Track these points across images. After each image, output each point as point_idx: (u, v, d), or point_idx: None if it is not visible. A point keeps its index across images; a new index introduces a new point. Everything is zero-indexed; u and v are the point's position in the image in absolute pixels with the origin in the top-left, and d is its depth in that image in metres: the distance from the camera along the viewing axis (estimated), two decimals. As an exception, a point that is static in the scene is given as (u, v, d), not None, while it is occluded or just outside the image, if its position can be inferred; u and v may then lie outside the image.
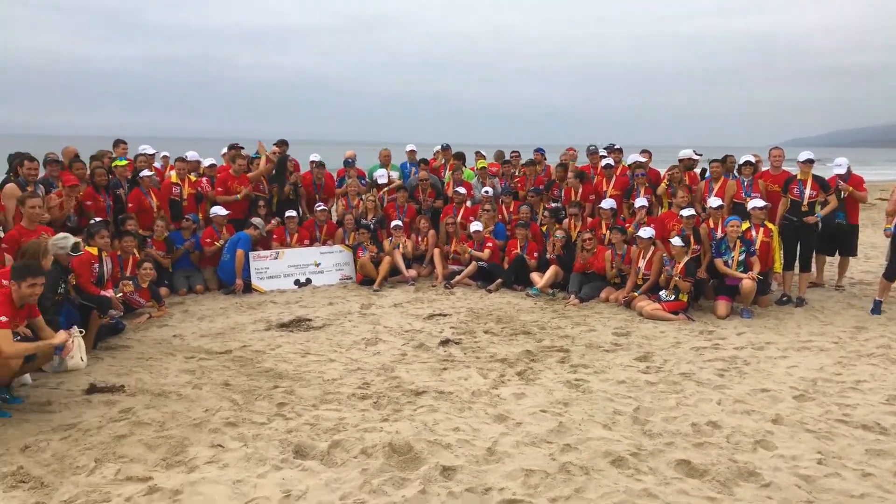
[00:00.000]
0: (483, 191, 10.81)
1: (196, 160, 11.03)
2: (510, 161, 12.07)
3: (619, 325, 7.86)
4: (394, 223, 10.56)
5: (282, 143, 11.17)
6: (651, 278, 8.62)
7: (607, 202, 9.78)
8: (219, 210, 9.90)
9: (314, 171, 11.50)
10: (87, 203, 8.79)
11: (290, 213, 10.47)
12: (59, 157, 9.07)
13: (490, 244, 10.10)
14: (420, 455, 4.34)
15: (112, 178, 9.53)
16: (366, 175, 12.02)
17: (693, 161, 10.42)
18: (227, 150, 11.52)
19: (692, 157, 10.44)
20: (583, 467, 4.21)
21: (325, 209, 10.86)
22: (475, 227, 10.18)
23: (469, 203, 10.99)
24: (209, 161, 11.12)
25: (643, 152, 10.74)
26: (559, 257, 9.61)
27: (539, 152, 11.97)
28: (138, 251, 8.82)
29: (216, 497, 3.85)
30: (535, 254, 9.90)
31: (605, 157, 10.77)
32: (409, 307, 8.74)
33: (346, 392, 5.59)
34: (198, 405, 5.26)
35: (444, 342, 7.09)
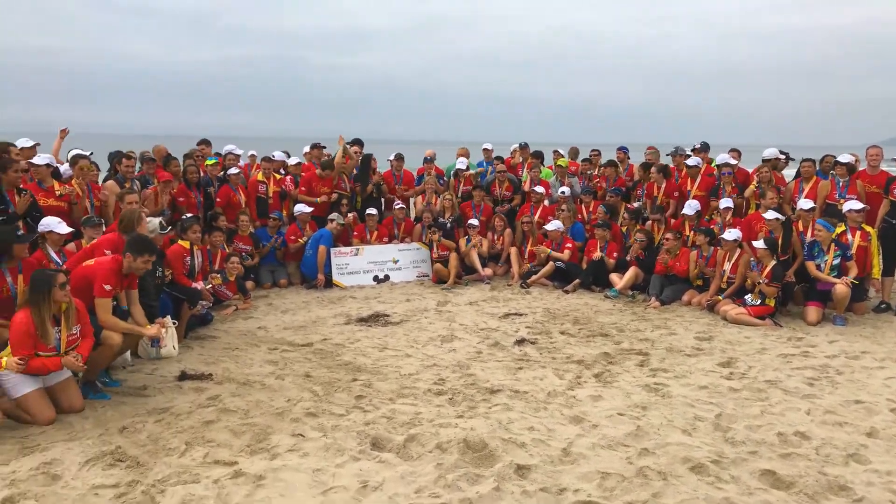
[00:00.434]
0: (560, 191, 10.70)
1: (281, 160, 11.40)
2: (590, 160, 11.89)
3: (701, 329, 7.63)
4: (470, 222, 10.61)
5: (356, 143, 11.42)
6: (736, 282, 8.32)
7: (690, 206, 9.46)
8: (303, 208, 10.21)
9: (394, 164, 11.69)
10: (180, 199, 9.24)
11: (371, 211, 10.68)
12: (153, 156, 9.58)
13: (569, 245, 9.99)
14: (494, 453, 4.35)
15: (203, 175, 9.98)
16: (444, 174, 12.12)
17: (779, 161, 9.98)
18: (309, 149, 11.85)
19: (777, 156, 10.00)
20: (660, 472, 4.12)
21: (403, 207, 11.01)
22: (553, 226, 10.09)
23: (547, 202, 10.91)
24: (295, 160, 11.49)
25: (732, 151, 10.37)
26: (639, 259, 9.40)
27: (622, 151, 11.74)
28: (226, 246, 9.20)
29: (296, 484, 3.98)
30: (614, 255, 9.72)
31: (690, 156, 10.45)
32: (484, 306, 8.76)
33: (422, 387, 5.67)
34: (280, 395, 5.45)
35: (520, 341, 7.07)
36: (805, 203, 8.62)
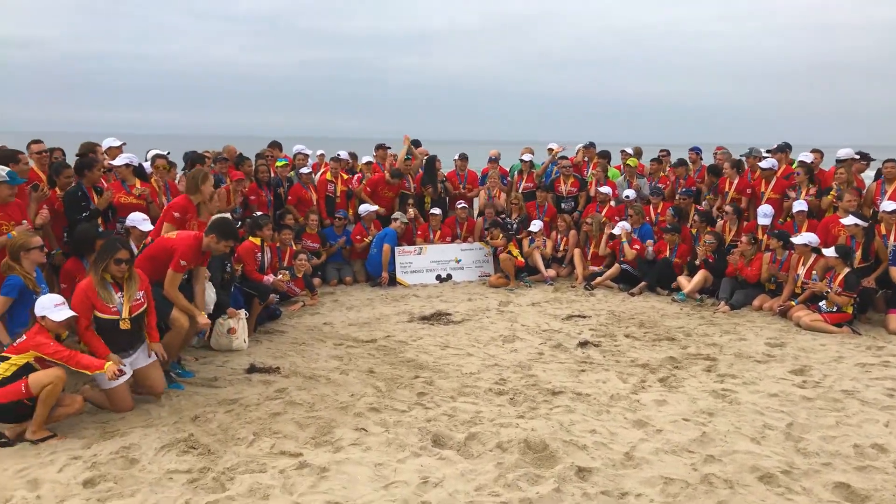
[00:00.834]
0: (625, 194, 10.50)
1: (347, 159, 11.62)
2: (658, 160, 11.63)
3: (773, 335, 7.37)
4: (533, 223, 10.55)
5: (415, 144, 11.52)
6: (810, 287, 7.99)
7: (765, 213, 9.02)
8: (369, 208, 10.39)
9: (458, 163, 11.75)
10: (251, 197, 9.53)
11: (435, 211, 10.77)
12: (225, 156, 9.92)
13: (637, 246, 9.80)
14: (555, 454, 4.33)
15: (273, 176, 10.28)
16: (508, 174, 12.10)
17: (855, 161, 9.51)
18: (375, 150, 12.03)
19: (853, 157, 9.52)
20: (727, 480, 4.01)
21: (465, 206, 11.03)
22: (619, 228, 9.91)
23: (613, 203, 10.74)
24: (366, 159, 11.70)
25: (814, 152, 9.93)
26: (708, 261, 9.14)
27: (695, 152, 11.43)
28: (295, 244, 9.44)
29: (359, 477, 4.06)
30: (686, 258, 9.48)
31: (765, 158, 10.04)
32: (547, 307, 8.71)
33: (483, 387, 5.68)
34: (344, 389, 5.57)
35: (583, 344, 7.00)
36: (889, 205, 8.20)
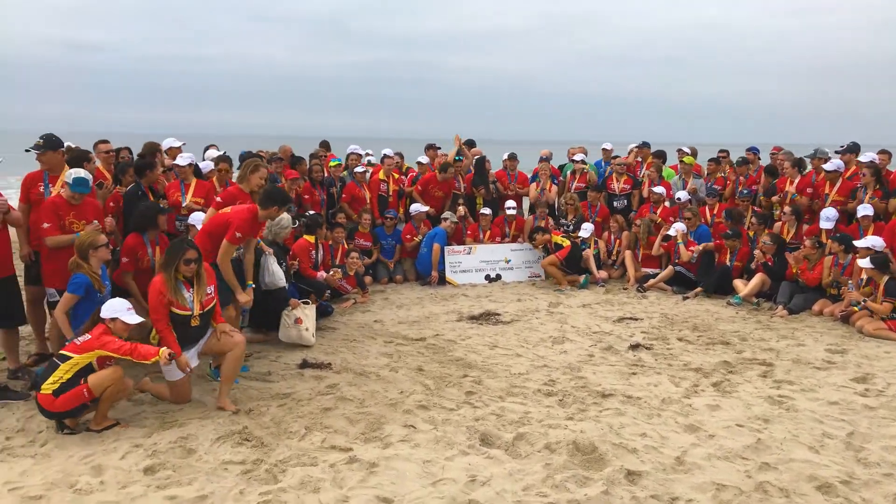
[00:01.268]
0: (676, 196, 10.30)
1: (395, 157, 11.74)
2: (717, 160, 11.36)
3: (833, 341, 7.13)
4: (584, 226, 10.44)
5: (469, 144, 11.53)
6: (847, 296, 7.70)
7: (828, 217, 8.69)
8: (419, 207, 10.46)
9: (508, 164, 11.72)
10: (305, 196, 9.71)
11: (485, 211, 10.77)
12: (281, 156, 10.14)
13: (692, 248, 9.60)
14: (604, 456, 4.29)
15: (327, 175, 10.46)
16: (560, 173, 12.01)
17: None
18: (425, 150, 12.11)
19: None
20: (783, 489, 3.91)
21: (514, 207, 10.99)
22: (674, 230, 9.72)
23: (668, 204, 10.54)
24: (420, 158, 11.80)
25: (881, 153, 9.54)
26: (766, 264, 8.89)
27: (752, 152, 11.13)
28: (347, 242, 9.59)
29: (407, 473, 4.11)
30: (743, 260, 9.25)
31: (830, 159, 9.66)
32: (598, 308, 8.62)
33: (531, 387, 5.67)
34: (394, 386, 5.64)
35: (635, 346, 6.90)
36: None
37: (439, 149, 11.98)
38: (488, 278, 10.30)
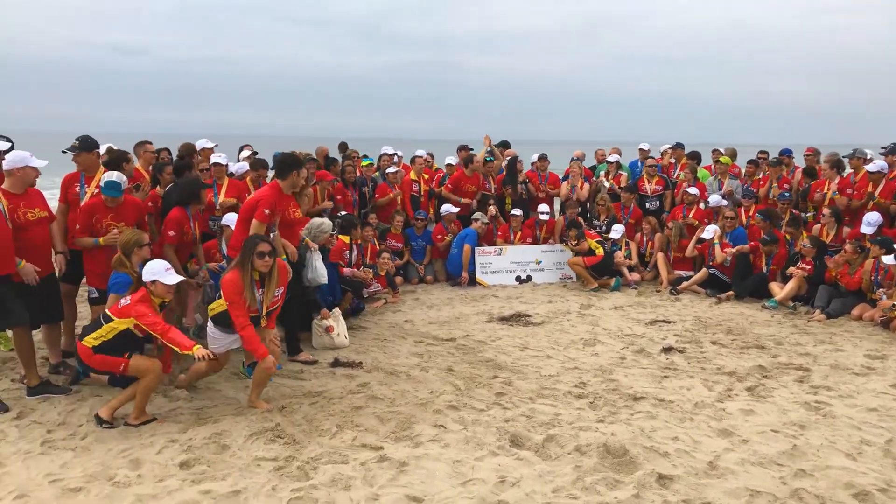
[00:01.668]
0: (712, 198, 10.14)
1: (426, 157, 11.78)
2: (756, 161, 11.17)
3: (873, 346, 6.97)
4: (615, 228, 10.36)
5: (504, 145, 11.51)
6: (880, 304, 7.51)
7: (870, 221, 8.38)
8: (449, 208, 10.48)
9: (538, 164, 11.69)
10: (338, 197, 9.80)
11: (516, 212, 10.75)
12: (315, 157, 10.24)
13: (727, 250, 9.45)
14: (635, 460, 4.26)
15: (359, 175, 10.54)
16: (592, 174, 11.93)
17: None
18: (458, 151, 12.12)
19: None
20: (818, 496, 3.84)
21: (547, 212, 10.92)
22: (710, 231, 9.57)
23: (703, 205, 10.40)
24: (449, 160, 11.83)
25: None
26: (805, 267, 8.70)
27: (786, 154, 10.93)
28: (378, 242, 9.65)
29: (437, 472, 4.13)
30: (780, 264, 9.09)
31: (871, 160, 9.42)
32: (630, 311, 8.54)
33: (562, 389, 5.65)
34: (424, 386, 5.66)
35: (667, 349, 6.83)
36: None
37: (471, 150, 12.00)
38: (519, 279, 10.28)
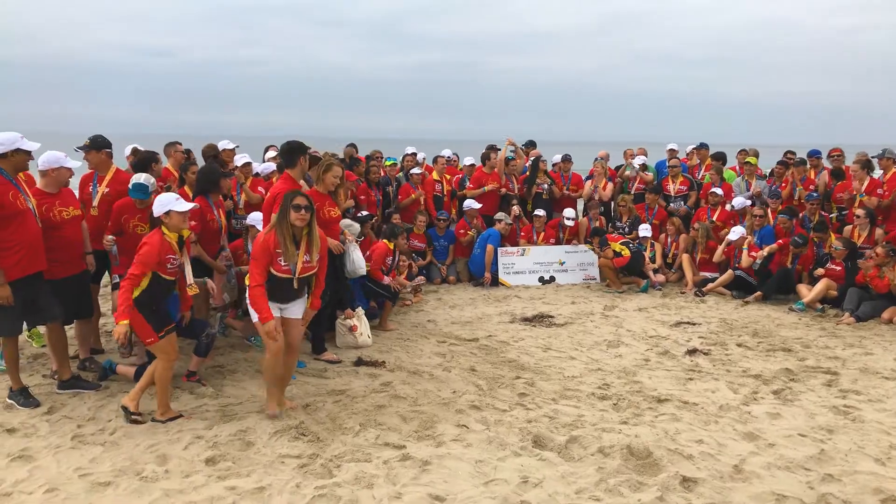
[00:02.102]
0: (737, 200, 10.02)
1: (450, 157, 11.80)
2: (785, 163, 11.02)
3: (904, 350, 6.85)
4: (642, 227, 10.29)
5: (530, 145, 11.49)
6: None
7: None
8: (472, 203, 10.50)
9: (561, 165, 11.65)
10: (361, 197, 9.85)
11: (539, 213, 10.72)
12: (343, 157, 10.31)
13: (754, 253, 9.33)
14: (659, 462, 4.23)
15: (383, 175, 10.59)
16: (616, 175, 11.86)
17: None
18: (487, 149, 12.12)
19: None
20: (846, 501, 3.79)
21: (573, 217, 10.87)
22: (736, 234, 9.45)
23: (729, 206, 10.29)
24: (469, 160, 11.84)
25: None
26: (835, 269, 8.56)
27: (815, 156, 10.77)
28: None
29: (459, 472, 4.14)
30: (807, 264, 8.96)
31: None
32: (654, 313, 8.48)
33: (585, 390, 5.62)
34: (447, 386, 5.67)
35: (692, 351, 6.77)
36: None
37: (499, 150, 11.99)
38: (542, 280, 10.26)
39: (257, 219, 6.75)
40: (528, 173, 11.23)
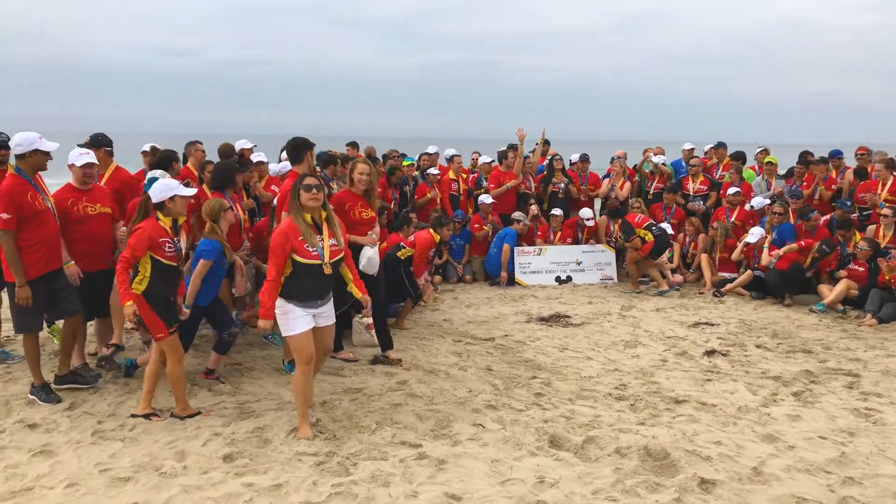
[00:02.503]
0: (755, 200, 9.91)
1: (459, 156, 11.79)
2: (806, 162, 10.89)
3: (927, 352, 6.74)
4: (662, 224, 10.21)
5: (545, 144, 11.45)
6: None
7: None
8: (485, 198, 10.49)
9: (579, 165, 11.60)
10: (378, 190, 9.85)
11: (556, 212, 10.68)
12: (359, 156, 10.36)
13: (773, 253, 9.23)
14: (677, 463, 4.20)
15: (400, 174, 10.60)
16: (634, 174, 11.78)
17: None
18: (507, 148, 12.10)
19: None
20: (868, 505, 3.74)
21: (591, 218, 10.82)
22: (755, 236, 9.35)
23: (748, 206, 10.18)
24: (485, 158, 11.82)
25: None
26: (858, 270, 8.43)
27: (836, 157, 10.64)
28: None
29: (475, 471, 4.13)
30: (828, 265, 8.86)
31: None
32: (672, 313, 8.42)
33: (602, 391, 5.60)
34: (463, 385, 5.67)
35: (710, 352, 6.71)
36: None
37: (517, 148, 11.96)
38: (558, 280, 10.22)
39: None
40: (545, 172, 11.20)
